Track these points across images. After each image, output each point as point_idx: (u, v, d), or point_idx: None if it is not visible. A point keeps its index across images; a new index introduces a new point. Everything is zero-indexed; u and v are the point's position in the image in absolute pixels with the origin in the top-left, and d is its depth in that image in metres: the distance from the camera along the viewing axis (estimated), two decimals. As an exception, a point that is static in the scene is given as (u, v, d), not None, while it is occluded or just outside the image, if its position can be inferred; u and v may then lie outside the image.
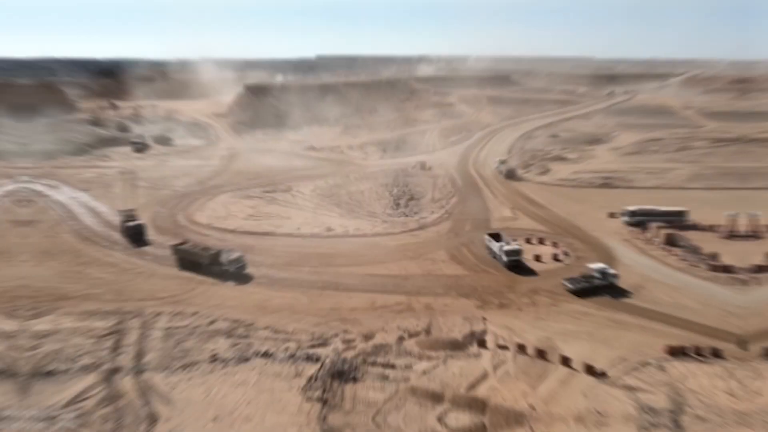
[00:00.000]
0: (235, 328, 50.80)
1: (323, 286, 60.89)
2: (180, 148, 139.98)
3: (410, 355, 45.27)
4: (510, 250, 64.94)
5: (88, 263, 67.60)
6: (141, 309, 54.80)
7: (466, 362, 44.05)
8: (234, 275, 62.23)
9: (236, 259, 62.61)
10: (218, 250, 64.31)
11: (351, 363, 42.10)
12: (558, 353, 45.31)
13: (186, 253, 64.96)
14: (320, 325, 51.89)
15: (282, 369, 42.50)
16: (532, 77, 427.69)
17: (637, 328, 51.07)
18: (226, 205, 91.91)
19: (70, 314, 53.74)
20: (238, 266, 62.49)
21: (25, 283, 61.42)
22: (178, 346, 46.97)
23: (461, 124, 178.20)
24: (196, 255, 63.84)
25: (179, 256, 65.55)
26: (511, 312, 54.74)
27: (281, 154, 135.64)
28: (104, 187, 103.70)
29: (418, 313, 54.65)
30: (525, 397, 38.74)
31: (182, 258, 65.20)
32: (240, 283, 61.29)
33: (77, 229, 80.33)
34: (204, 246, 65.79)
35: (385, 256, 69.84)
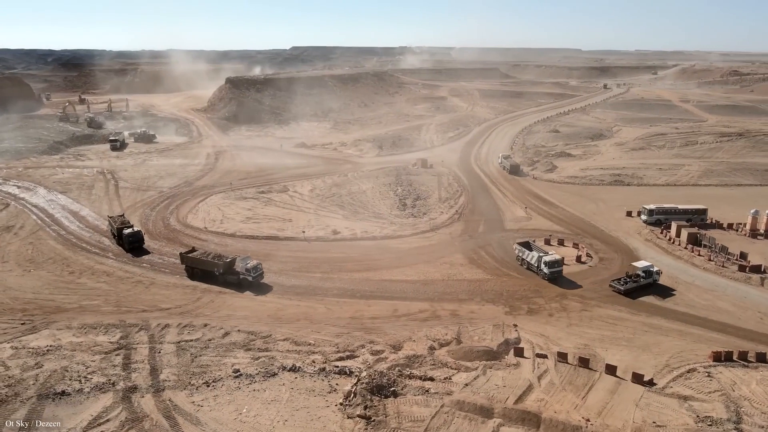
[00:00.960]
0: (252, 341, 49.81)
1: (339, 294, 60.18)
2: (161, 146, 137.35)
3: (446, 366, 44.87)
4: (551, 261, 62.26)
5: (79, 272, 65.70)
6: (145, 321, 53.45)
7: (507, 372, 43.78)
8: (252, 285, 60.82)
9: (254, 267, 61.03)
10: (233, 258, 62.61)
11: (388, 376, 41.43)
12: (601, 361, 45.37)
13: (196, 262, 62.79)
14: (342, 335, 51.22)
15: (314, 384, 41.67)
16: (521, 69, 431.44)
17: (676, 333, 51.46)
18: (220, 207, 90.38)
19: (68, 328, 52.12)
20: (256, 275, 61.04)
21: (13, 295, 59.73)
22: (194, 362, 45.79)
23: (457, 119, 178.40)
24: (208, 264, 61.79)
25: (188, 265, 63.55)
26: (542, 318, 54.73)
27: (271, 151, 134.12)
28: (84, 188, 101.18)
29: (444, 320, 54.30)
30: (576, 409, 38.59)
31: (192, 267, 63.23)
32: (258, 293, 60.05)
33: (61, 234, 78.11)
34: (216, 254, 63.80)
35: (399, 260, 69.33)
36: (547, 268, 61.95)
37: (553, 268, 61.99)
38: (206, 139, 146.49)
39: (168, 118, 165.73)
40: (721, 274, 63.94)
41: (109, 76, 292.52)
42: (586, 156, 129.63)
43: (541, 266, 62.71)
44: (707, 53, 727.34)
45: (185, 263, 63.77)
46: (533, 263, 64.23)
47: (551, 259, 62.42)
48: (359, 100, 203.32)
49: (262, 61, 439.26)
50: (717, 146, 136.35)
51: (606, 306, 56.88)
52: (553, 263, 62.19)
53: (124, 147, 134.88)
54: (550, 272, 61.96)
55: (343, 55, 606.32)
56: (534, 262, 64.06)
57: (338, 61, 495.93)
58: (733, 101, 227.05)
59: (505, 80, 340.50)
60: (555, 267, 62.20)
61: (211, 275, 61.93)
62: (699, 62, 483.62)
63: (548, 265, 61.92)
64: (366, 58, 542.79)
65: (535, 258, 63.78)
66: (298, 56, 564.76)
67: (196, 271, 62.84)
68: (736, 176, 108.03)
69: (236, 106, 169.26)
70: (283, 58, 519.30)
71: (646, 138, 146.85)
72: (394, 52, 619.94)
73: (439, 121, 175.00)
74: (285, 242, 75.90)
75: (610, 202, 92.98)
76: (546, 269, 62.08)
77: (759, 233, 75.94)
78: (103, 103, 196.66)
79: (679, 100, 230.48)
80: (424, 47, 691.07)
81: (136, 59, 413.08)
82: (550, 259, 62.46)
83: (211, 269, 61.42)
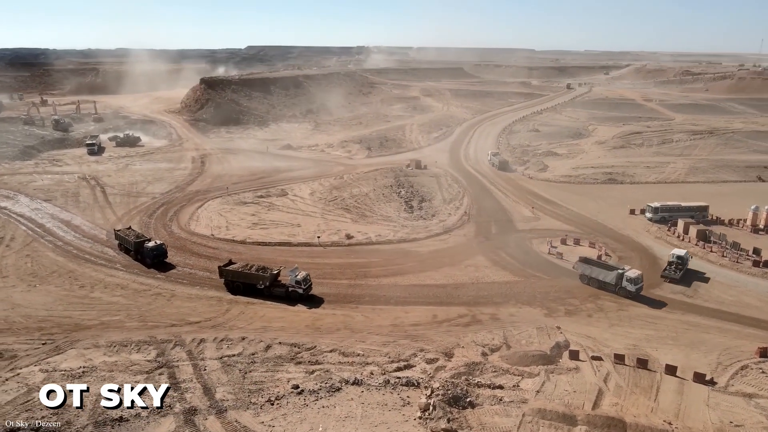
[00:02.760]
0: (297, 353, 47.77)
1: (372, 301, 58.70)
2: (142, 150, 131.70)
3: (508, 373, 44.17)
4: (636, 278, 58.68)
5: (90, 286, 61.86)
6: (177, 336, 50.53)
7: (570, 377, 43.43)
8: (302, 298, 58.29)
9: (304, 278, 58.30)
10: (278, 270, 59.91)
11: (460, 386, 40.38)
12: (655, 361, 45.60)
13: (238, 275, 59.07)
14: (389, 344, 49.80)
15: (383, 398, 40.20)
16: (482, 69, 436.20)
17: (715, 329, 52.40)
18: (222, 213, 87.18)
19: (96, 347, 48.73)
20: (307, 286, 58.45)
21: (24, 313, 55.65)
22: (246, 378, 43.52)
23: (437, 119, 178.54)
24: (252, 277, 58.49)
25: (228, 279, 59.82)
26: (582, 319, 54.82)
27: (258, 154, 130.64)
28: (69, 196, 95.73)
29: (486, 325, 53.66)
30: (653, 412, 38.54)
31: (232, 281, 59.61)
32: (312, 306, 57.65)
33: (59, 246, 73.54)
34: (260, 265, 60.54)
35: (423, 264, 68.36)
36: (633, 285, 58.57)
37: (638, 284, 58.81)
38: (187, 142, 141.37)
39: (143, 121, 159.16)
40: (738, 270, 65.70)
41: (65, 76, 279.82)
42: (572, 155, 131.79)
43: (623, 284, 58.96)
44: (652, 53, 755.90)
45: (225, 277, 60.15)
46: (610, 281, 59.78)
47: (636, 275, 58.90)
48: (335, 100, 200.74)
49: (222, 61, 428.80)
50: (692, 144, 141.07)
51: (640, 305, 57.48)
52: (638, 279, 58.88)
53: (102, 151, 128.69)
54: (636, 289, 58.73)
55: (301, 55, 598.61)
56: (611, 280, 59.61)
57: (297, 61, 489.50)
58: (693, 100, 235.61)
59: (471, 80, 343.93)
60: (640, 282, 59.02)
61: (254, 289, 58.79)
62: (650, 62, 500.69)
63: (634, 282, 58.54)
64: (325, 58, 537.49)
65: (614, 276, 59.49)
66: (255, 56, 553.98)
67: (237, 285, 59.55)
68: (720, 173, 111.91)
69: (214, 108, 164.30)
70: (241, 58, 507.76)
71: (623, 137, 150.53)
72: (351, 52, 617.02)
73: (419, 121, 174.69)
74: (299, 248, 73.75)
75: (609, 200, 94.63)
76: (632, 286, 58.62)
77: (759, 229, 78.55)
78: (66, 105, 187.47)
79: (642, 99, 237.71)
80: (383, 47, 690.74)
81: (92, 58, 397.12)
82: (634, 275, 58.90)
83: (256, 282, 58.62)
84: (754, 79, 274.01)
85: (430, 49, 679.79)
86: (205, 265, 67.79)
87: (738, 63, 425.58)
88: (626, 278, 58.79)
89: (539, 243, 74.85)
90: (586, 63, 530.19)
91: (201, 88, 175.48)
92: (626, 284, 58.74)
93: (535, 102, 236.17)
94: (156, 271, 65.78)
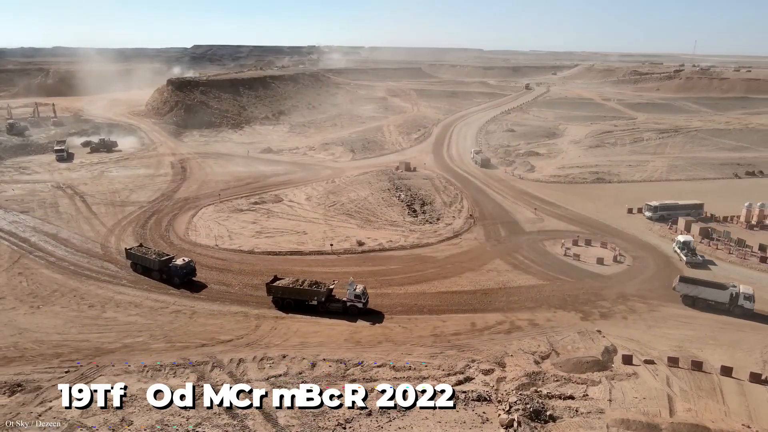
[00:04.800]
0: (346, 370, 45.62)
1: (405, 310, 56.99)
2: (115, 156, 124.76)
3: (570, 381, 43.46)
4: (751, 294, 55.42)
5: (100, 305, 57.45)
6: (213, 357, 47.41)
7: (633, 383, 43.12)
8: (361, 312, 55.49)
9: (363, 292, 55.46)
10: (333, 284, 57.20)
11: (535, 399, 39.31)
12: (708, 362, 45.93)
13: (290, 292, 55.67)
14: (437, 356, 48.30)
15: (458, 415, 38.63)
16: (437, 68, 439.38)
17: (748, 327, 53.45)
18: (219, 222, 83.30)
19: (127, 372, 45.13)
20: (365, 300, 55.65)
21: (35, 338, 51.13)
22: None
23: (411, 120, 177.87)
24: (305, 293, 55.30)
25: (278, 296, 56.22)
26: (618, 321, 54.86)
27: (238, 158, 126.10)
28: (47, 207, 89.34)
29: (527, 331, 52.89)
30: (728, 416, 38.60)
31: (282, 298, 56.10)
32: (372, 321, 54.78)
33: (52, 261, 68.24)
34: (312, 280, 57.27)
35: (443, 270, 67.12)
36: (751, 303, 55.19)
37: (753, 300, 55.33)
38: (161, 146, 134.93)
39: (110, 124, 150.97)
40: (749, 266, 67.60)
41: (10, 77, 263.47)
42: (552, 154, 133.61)
43: (740, 302, 55.37)
44: (593, 53, 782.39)
45: (274, 294, 56.48)
46: (723, 301, 55.97)
47: (750, 292, 55.55)
48: (305, 101, 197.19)
49: (171, 61, 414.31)
50: (662, 142, 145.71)
51: (669, 305, 58.09)
52: (752, 295, 55.45)
53: (72, 157, 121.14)
54: (752, 306, 55.37)
55: (251, 54, 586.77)
56: (725, 299, 55.89)
57: (248, 61, 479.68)
58: (648, 99, 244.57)
59: (431, 80, 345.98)
60: (754, 299, 55.43)
61: (307, 305, 55.74)
62: (597, 62, 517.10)
63: (750, 299, 55.22)
64: (278, 57, 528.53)
65: (728, 295, 55.87)
66: (204, 55, 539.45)
67: (287, 302, 56.12)
68: (698, 171, 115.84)
69: (184, 110, 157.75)
70: (190, 58, 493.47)
71: (596, 136, 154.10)
72: (303, 52, 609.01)
73: (394, 122, 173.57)
74: (312, 257, 71.12)
75: (604, 199, 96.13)
76: (750, 304, 55.15)
77: (753, 225, 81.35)
78: (19, 108, 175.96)
79: (601, 99, 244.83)
80: (334, 46, 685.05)
81: (32, 57, 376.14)
82: (749, 291, 55.58)
83: (309, 298, 55.61)
84: (700, 79, 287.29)
85: (382, 48, 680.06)
86: (218, 278, 64.28)
87: (678, 63, 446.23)
88: (743, 296, 55.38)
89: (551, 245, 74.94)
90: (535, 63, 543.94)
91: (168, 90, 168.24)
92: (743, 302, 55.23)
93: (500, 102, 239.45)
94: (167, 287, 61.81)
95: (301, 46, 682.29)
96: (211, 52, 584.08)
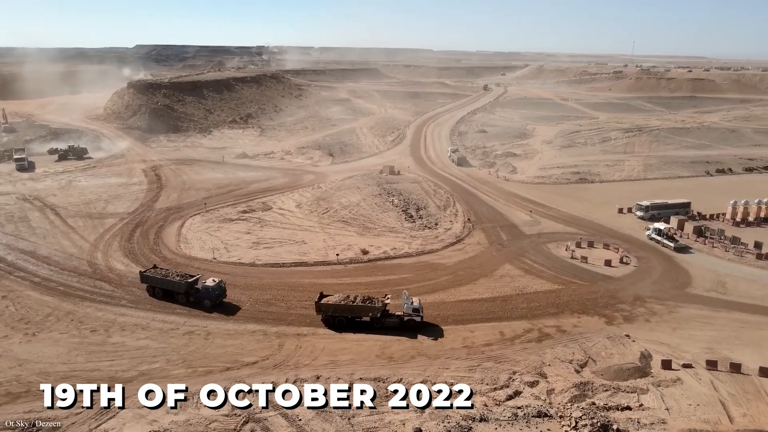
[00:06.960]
0: (386, 388, 43.61)
1: (430, 321, 55.18)
2: (81, 164, 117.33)
3: (620, 391, 42.93)
4: None
5: (103, 329, 53.00)
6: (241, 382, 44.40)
7: (680, 389, 42.98)
8: (419, 326, 53.04)
9: (418, 307, 52.81)
10: (389, 299, 54.48)
11: (597, 413, 38.46)
12: (748, 365, 46.30)
13: (342, 309, 52.41)
14: (475, 369, 46.97)
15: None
16: (391, 69, 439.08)
17: (765, 325, 54.49)
18: (210, 233, 79.30)
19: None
20: (420, 315, 53.07)
21: (38, 369, 46.48)
22: (355, 426, 38.82)
23: (381, 122, 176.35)
24: (360, 309, 52.24)
25: (329, 315, 52.85)
26: (642, 325, 54.92)
27: (214, 164, 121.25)
28: (16, 221, 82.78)
29: (557, 339, 52.19)
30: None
31: (333, 316, 52.79)
32: (431, 336, 52.23)
33: (38, 282, 62.86)
34: (366, 296, 54.04)
35: (456, 277, 65.81)
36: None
37: None
38: (129, 153, 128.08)
39: (68, 130, 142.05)
40: (747, 263, 69.45)
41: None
42: (529, 155, 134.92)
43: None
44: (538, 54, 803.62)
45: (324, 313, 53.03)
46: None
47: None
48: (271, 104, 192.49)
49: (115, 61, 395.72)
50: (629, 141, 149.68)
51: (686, 305, 58.75)
52: None
53: (33, 166, 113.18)
54: None
55: (198, 55, 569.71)
56: None
57: (196, 61, 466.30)
58: (604, 99, 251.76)
59: (389, 81, 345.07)
60: None
61: (360, 322, 52.89)
62: (546, 63, 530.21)
63: None
64: (227, 58, 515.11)
65: None
66: (149, 55, 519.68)
67: (340, 320, 52.81)
68: (671, 169, 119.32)
69: (148, 115, 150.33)
70: (135, 58, 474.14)
71: (565, 136, 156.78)
72: (251, 52, 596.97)
73: (365, 124, 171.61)
74: (318, 268, 68.38)
75: (591, 199, 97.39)
76: None
77: (739, 222, 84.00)
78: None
79: (559, 99, 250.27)
80: (283, 47, 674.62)
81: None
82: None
83: (364, 315, 52.70)
84: (649, 79, 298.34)
85: (332, 49, 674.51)
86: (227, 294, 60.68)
87: (622, 63, 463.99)
88: None
89: (555, 247, 74.94)
90: (486, 63, 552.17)
91: (130, 93, 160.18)
92: None
93: (463, 102, 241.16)
94: (171, 305, 57.77)
95: (249, 46, 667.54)
96: (156, 52, 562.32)
